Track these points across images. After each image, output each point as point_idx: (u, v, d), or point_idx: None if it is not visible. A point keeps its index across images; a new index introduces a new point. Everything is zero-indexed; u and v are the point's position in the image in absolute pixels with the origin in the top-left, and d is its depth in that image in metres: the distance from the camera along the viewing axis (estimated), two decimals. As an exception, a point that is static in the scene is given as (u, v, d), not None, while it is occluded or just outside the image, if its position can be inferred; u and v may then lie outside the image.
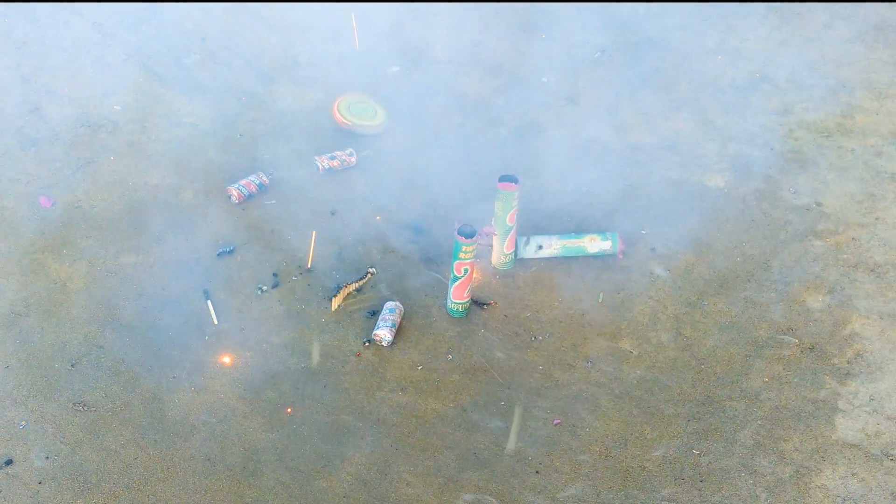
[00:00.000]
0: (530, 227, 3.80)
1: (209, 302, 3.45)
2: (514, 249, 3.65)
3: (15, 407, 3.05)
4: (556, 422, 3.14)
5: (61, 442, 2.96)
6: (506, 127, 4.37)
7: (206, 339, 3.33)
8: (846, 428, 3.15)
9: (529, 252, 3.69)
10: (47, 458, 2.91)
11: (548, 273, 3.66)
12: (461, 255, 3.29)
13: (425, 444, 3.05)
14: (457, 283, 3.37)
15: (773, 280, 3.67)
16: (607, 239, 3.69)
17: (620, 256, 3.71)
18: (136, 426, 3.03)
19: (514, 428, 3.13)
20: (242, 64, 4.65)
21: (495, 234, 3.72)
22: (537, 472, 2.99)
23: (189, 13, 4.86)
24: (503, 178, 3.54)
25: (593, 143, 4.30)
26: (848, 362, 3.37)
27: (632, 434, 3.12)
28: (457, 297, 3.42)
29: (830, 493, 2.96)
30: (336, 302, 3.47)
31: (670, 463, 3.03)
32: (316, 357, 3.30)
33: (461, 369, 3.29)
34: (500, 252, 3.63)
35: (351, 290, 3.52)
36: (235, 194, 3.83)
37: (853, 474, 3.02)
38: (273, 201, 3.88)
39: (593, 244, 3.69)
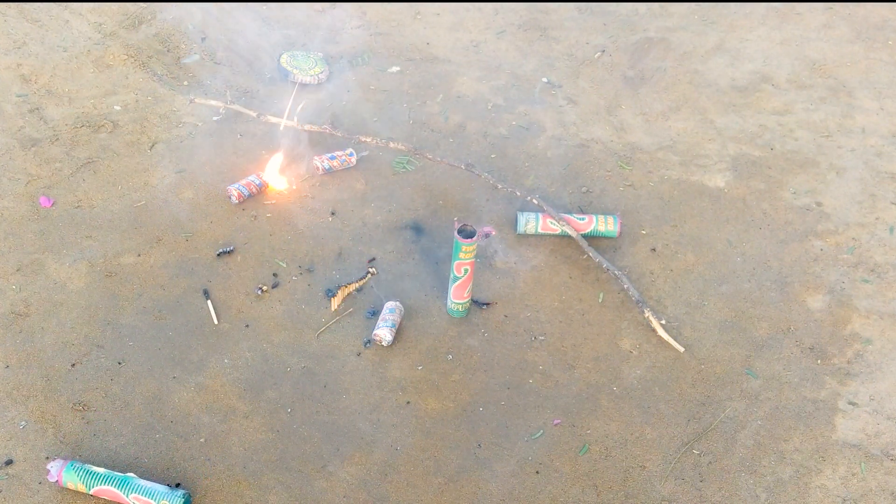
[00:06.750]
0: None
1: (209, 302, 3.45)
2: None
3: (15, 407, 3.05)
4: (556, 422, 3.14)
5: (61, 442, 2.96)
6: (506, 127, 4.38)
7: (206, 338, 3.33)
8: (846, 428, 3.15)
9: (530, 226, 3.73)
10: (47, 458, 2.91)
11: (548, 273, 3.66)
12: (461, 255, 3.29)
13: (425, 444, 3.05)
14: (457, 283, 3.37)
15: (773, 280, 3.67)
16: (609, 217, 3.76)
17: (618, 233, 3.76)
18: (136, 426, 3.03)
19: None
20: (242, 64, 4.65)
21: (494, 234, 3.72)
22: (537, 472, 2.99)
23: (189, 13, 4.86)
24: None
25: (593, 142, 4.30)
26: (848, 362, 3.37)
27: (632, 434, 3.12)
28: (457, 297, 3.41)
29: (830, 493, 2.96)
30: (336, 302, 3.47)
31: (670, 463, 3.03)
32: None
33: (461, 369, 3.29)
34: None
35: (351, 290, 3.53)
36: (235, 194, 3.83)
37: (853, 474, 3.02)
38: (273, 201, 3.88)
39: (592, 224, 3.74)
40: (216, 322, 3.39)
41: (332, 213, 3.86)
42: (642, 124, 4.43)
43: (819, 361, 3.37)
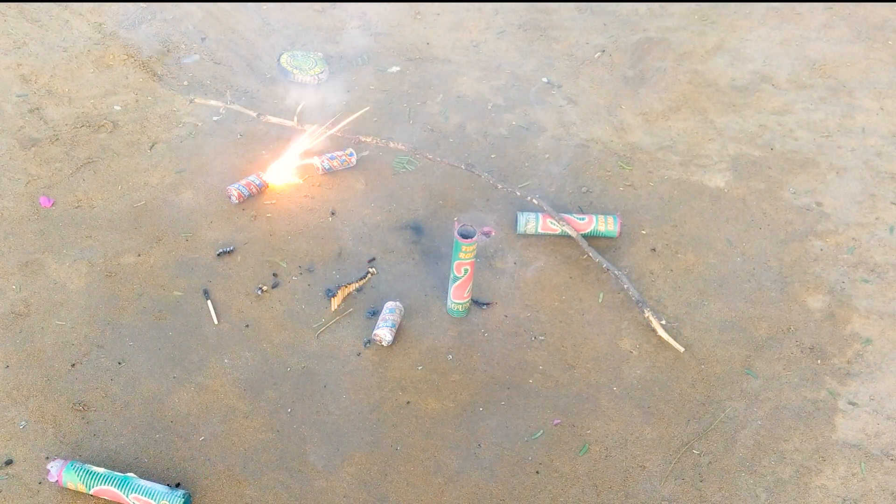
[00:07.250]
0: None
1: (209, 302, 3.45)
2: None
3: (15, 407, 3.05)
4: (556, 422, 3.14)
5: (61, 442, 2.96)
6: (506, 127, 4.38)
7: (206, 338, 3.33)
8: (846, 428, 3.15)
9: (530, 226, 3.72)
10: (47, 458, 2.91)
11: (548, 273, 3.66)
12: (461, 255, 3.29)
13: (425, 444, 3.05)
14: (457, 283, 3.37)
15: (773, 280, 3.67)
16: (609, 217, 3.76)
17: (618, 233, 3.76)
18: (136, 426, 3.03)
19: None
20: (242, 64, 4.65)
21: (494, 234, 3.72)
22: (537, 472, 2.99)
23: (189, 13, 4.86)
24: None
25: (593, 142, 4.30)
26: (848, 362, 3.37)
27: (632, 434, 3.12)
28: (457, 297, 3.41)
29: (830, 493, 2.96)
30: (336, 302, 3.47)
31: (670, 463, 3.03)
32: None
33: (461, 369, 3.29)
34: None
35: (351, 290, 3.53)
36: (235, 194, 3.83)
37: (853, 474, 3.02)
38: (273, 201, 3.89)
39: (592, 224, 3.73)
40: (216, 322, 3.39)
41: (332, 213, 3.86)
42: (642, 124, 4.43)
43: (819, 361, 3.37)
